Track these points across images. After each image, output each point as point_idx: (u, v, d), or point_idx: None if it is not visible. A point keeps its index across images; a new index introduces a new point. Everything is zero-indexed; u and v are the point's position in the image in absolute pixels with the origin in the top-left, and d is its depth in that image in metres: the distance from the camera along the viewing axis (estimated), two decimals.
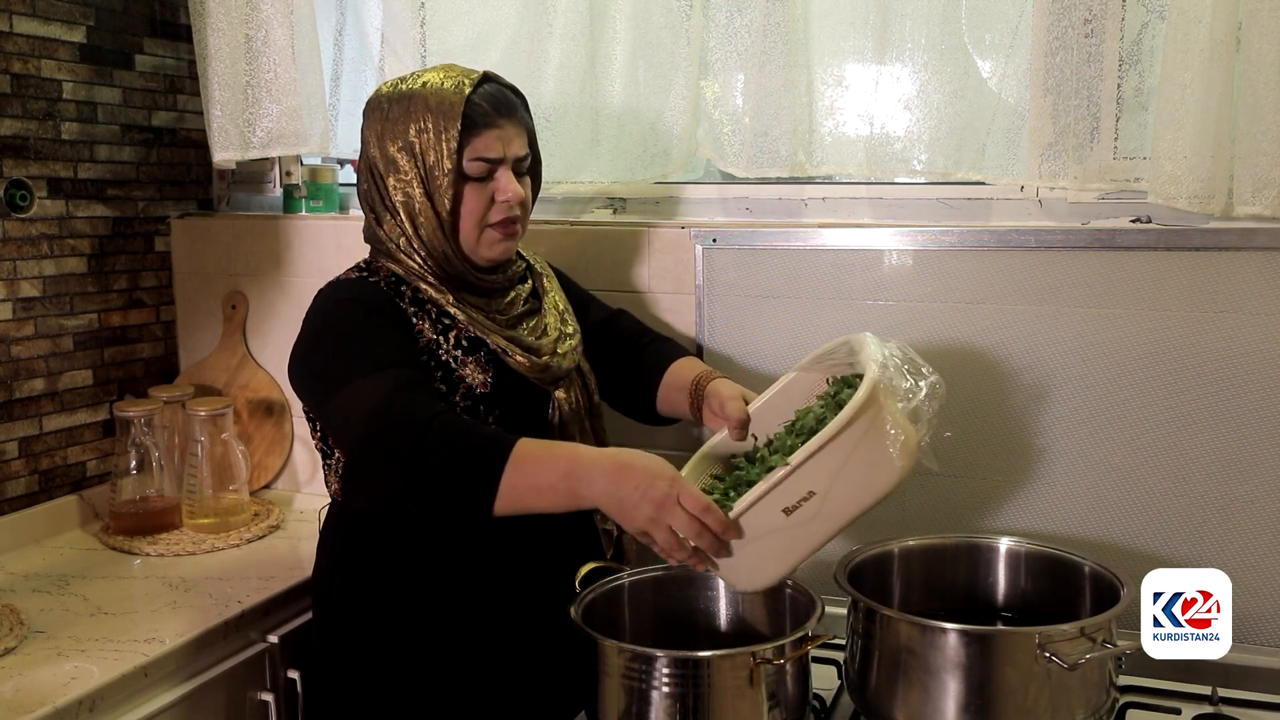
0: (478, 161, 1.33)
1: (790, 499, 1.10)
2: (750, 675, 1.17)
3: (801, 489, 1.10)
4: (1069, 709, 1.18)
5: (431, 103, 1.32)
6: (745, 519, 1.11)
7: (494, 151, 1.34)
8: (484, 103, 1.34)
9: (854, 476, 1.10)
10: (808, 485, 1.10)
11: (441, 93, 1.33)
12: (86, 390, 1.97)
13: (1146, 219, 1.54)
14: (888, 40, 1.61)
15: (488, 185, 1.35)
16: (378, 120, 1.36)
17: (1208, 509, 1.51)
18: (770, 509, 1.11)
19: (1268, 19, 1.36)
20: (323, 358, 1.31)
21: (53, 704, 1.27)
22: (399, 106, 1.34)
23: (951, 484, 1.61)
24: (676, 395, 1.48)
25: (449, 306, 1.36)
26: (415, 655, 1.35)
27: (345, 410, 1.23)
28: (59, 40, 1.88)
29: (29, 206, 1.84)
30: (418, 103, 1.33)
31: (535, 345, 1.40)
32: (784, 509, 1.11)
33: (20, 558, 1.76)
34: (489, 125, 1.33)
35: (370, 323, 1.31)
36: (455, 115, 1.31)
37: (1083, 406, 1.56)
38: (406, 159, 1.33)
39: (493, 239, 1.36)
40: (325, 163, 2.11)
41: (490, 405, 1.35)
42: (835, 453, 1.09)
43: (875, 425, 1.09)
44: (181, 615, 1.53)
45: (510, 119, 1.36)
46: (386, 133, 1.34)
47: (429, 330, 1.35)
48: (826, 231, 1.67)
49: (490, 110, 1.34)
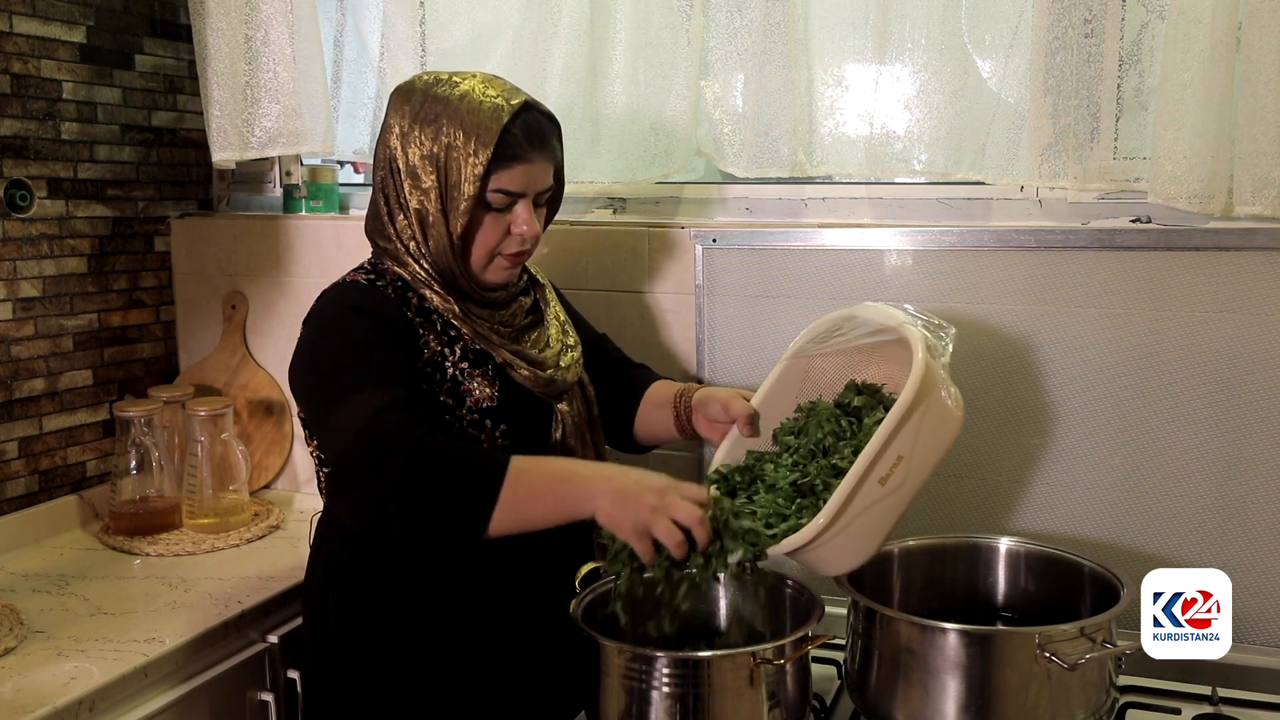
0: (500, 193, 1.30)
1: (886, 467, 1.14)
2: (750, 675, 1.17)
3: (893, 456, 1.14)
4: (1069, 709, 1.18)
5: (466, 120, 1.28)
6: (850, 500, 1.13)
7: (518, 185, 1.31)
8: (520, 134, 1.29)
9: (928, 433, 1.16)
10: (898, 451, 1.14)
11: (479, 112, 1.28)
12: (86, 390, 1.97)
13: (1146, 219, 1.54)
14: (888, 40, 1.61)
15: (505, 216, 1.32)
16: (407, 114, 1.31)
17: (1208, 509, 1.51)
18: (870, 483, 1.14)
19: (1268, 19, 1.36)
20: (323, 369, 1.29)
21: (53, 704, 1.27)
22: (431, 108, 1.30)
23: (952, 484, 1.61)
24: (657, 414, 1.47)
25: (455, 319, 1.33)
26: (415, 657, 1.35)
27: (339, 425, 1.21)
28: (59, 40, 1.88)
29: (29, 206, 1.84)
30: (452, 114, 1.28)
31: (540, 359, 1.39)
32: (880, 479, 1.14)
33: (20, 558, 1.76)
34: (519, 159, 1.29)
35: (374, 336, 1.29)
36: (489, 142, 1.27)
37: (1082, 406, 1.56)
38: (428, 168, 1.30)
39: (500, 266, 1.35)
40: (325, 163, 2.11)
41: (497, 419, 1.34)
42: (916, 415, 1.14)
43: (934, 384, 1.16)
44: (181, 615, 1.53)
45: (542, 152, 1.32)
46: (413, 131, 1.30)
47: (434, 342, 1.33)
48: (826, 231, 1.67)
49: (524, 143, 1.29)
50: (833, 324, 1.33)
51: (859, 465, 1.13)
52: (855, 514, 1.14)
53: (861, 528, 1.16)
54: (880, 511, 1.16)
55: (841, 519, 1.13)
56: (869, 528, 1.17)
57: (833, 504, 1.13)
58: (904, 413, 1.13)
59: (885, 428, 1.13)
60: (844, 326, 1.32)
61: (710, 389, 1.39)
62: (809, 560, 1.20)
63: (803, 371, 1.37)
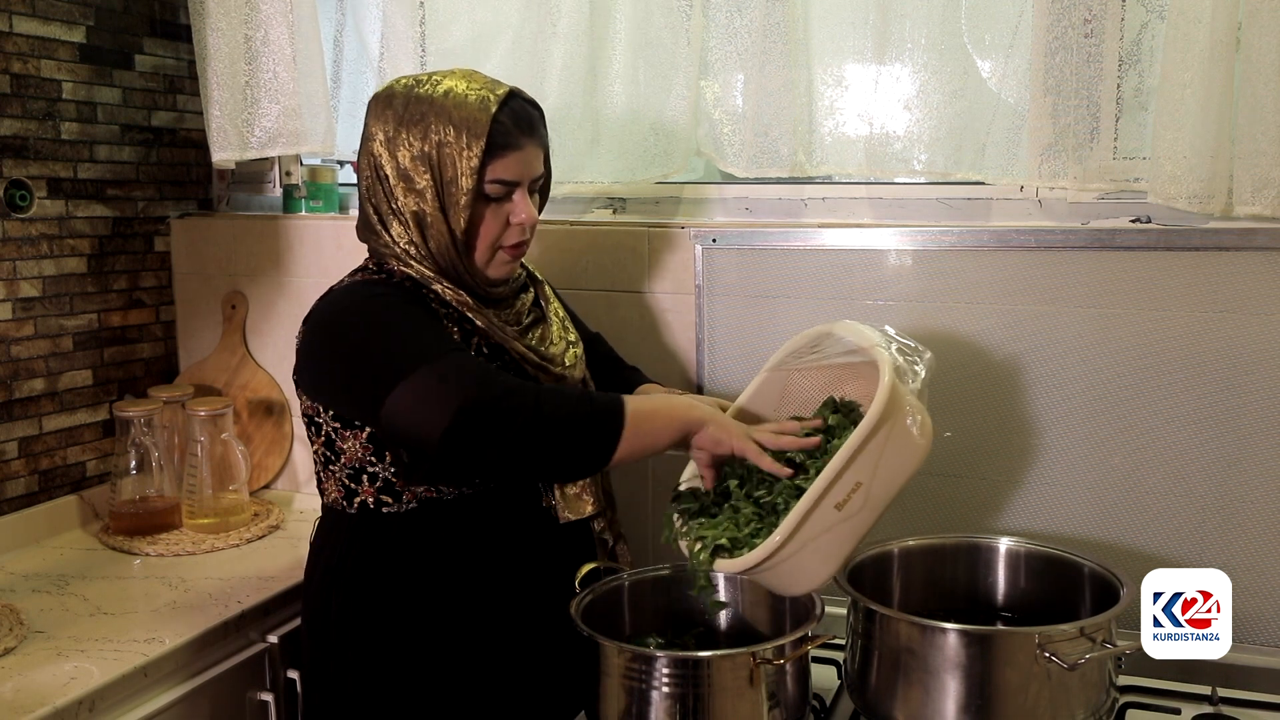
0: (497, 184, 1.30)
1: (842, 493, 1.14)
2: (750, 675, 1.17)
3: (851, 481, 1.13)
4: (1069, 709, 1.18)
5: (455, 115, 1.28)
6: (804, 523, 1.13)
7: (514, 174, 1.31)
8: (509, 122, 1.29)
9: (890, 461, 1.15)
10: (856, 477, 1.14)
11: (466, 106, 1.28)
12: (86, 390, 1.97)
13: (1146, 219, 1.54)
14: (888, 40, 1.61)
15: (504, 206, 1.32)
16: (390, 119, 1.30)
17: (1208, 509, 1.51)
18: (825, 507, 1.13)
19: (1268, 19, 1.36)
20: (373, 349, 1.25)
21: (52, 704, 1.27)
22: (416, 109, 1.29)
23: (951, 484, 1.61)
24: None
25: (470, 312, 1.33)
26: (415, 657, 1.35)
27: (422, 397, 1.18)
28: (59, 40, 1.88)
29: (29, 206, 1.84)
30: (439, 111, 1.28)
31: (549, 355, 1.39)
32: (836, 504, 1.14)
33: (20, 558, 1.76)
34: (512, 147, 1.30)
35: (415, 310, 1.28)
36: (480, 133, 1.27)
37: (1082, 406, 1.56)
38: (422, 169, 1.29)
39: (502, 259, 1.35)
40: (325, 163, 2.11)
41: None
42: (877, 441, 1.13)
43: (899, 410, 1.15)
44: (181, 615, 1.53)
45: (532, 139, 1.33)
46: (399, 135, 1.29)
47: (456, 335, 1.32)
48: (826, 231, 1.67)
49: (515, 130, 1.30)
50: (812, 339, 1.32)
51: (814, 489, 1.13)
52: (808, 538, 1.13)
53: (816, 552, 1.15)
54: (837, 536, 1.15)
55: (792, 543, 1.13)
56: (823, 552, 1.16)
57: (785, 527, 1.12)
58: (864, 438, 1.12)
59: (844, 453, 1.12)
60: (822, 344, 1.31)
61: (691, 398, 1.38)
62: (764, 580, 1.20)
63: (782, 385, 1.36)
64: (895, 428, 1.14)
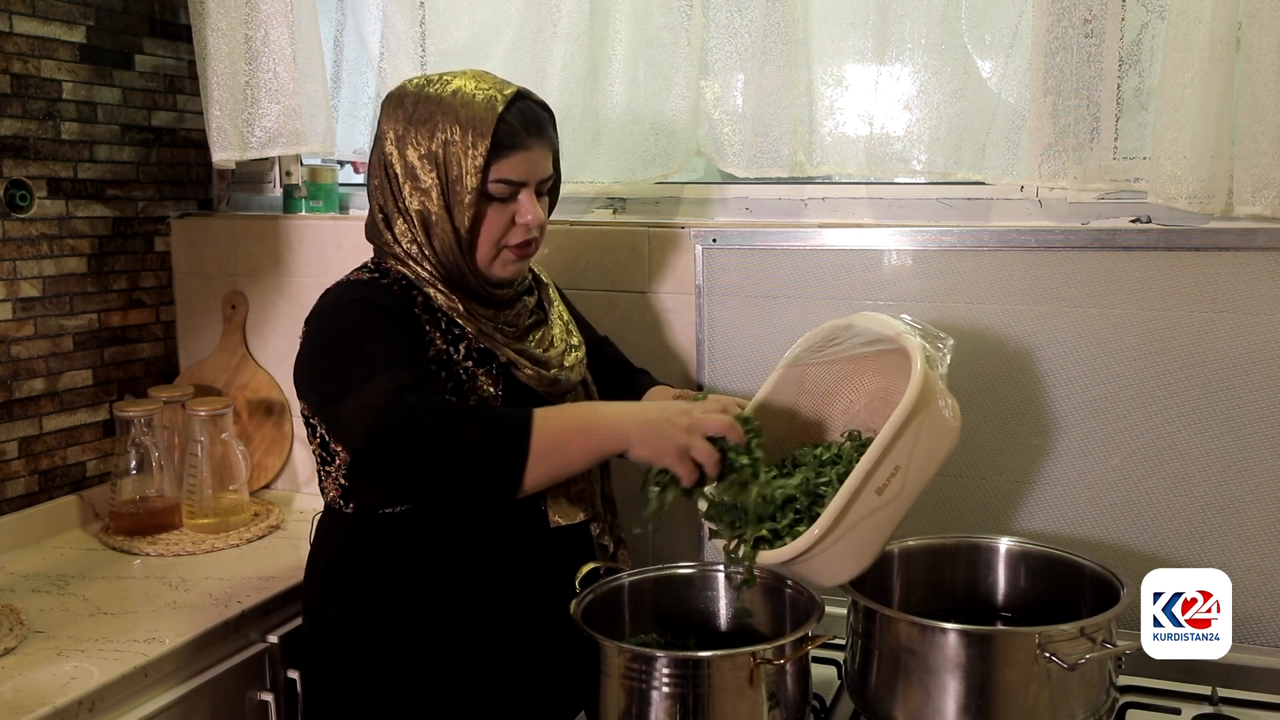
0: (501, 183, 1.30)
1: (883, 477, 1.14)
2: (750, 675, 1.17)
3: (890, 465, 1.14)
4: (1069, 709, 1.18)
5: (461, 114, 1.29)
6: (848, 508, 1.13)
7: (519, 174, 1.31)
8: (515, 122, 1.30)
9: (925, 444, 1.16)
10: (895, 461, 1.14)
11: (473, 105, 1.29)
12: (86, 390, 1.97)
13: (1146, 219, 1.54)
14: (888, 40, 1.61)
15: (509, 206, 1.32)
16: (400, 118, 1.32)
17: (1207, 509, 1.51)
18: (868, 492, 1.14)
19: (1268, 19, 1.36)
20: (333, 358, 1.28)
21: (52, 704, 1.27)
22: (425, 109, 1.30)
23: (952, 484, 1.61)
24: None
25: (459, 318, 1.33)
26: (415, 657, 1.35)
27: (359, 406, 1.20)
28: (59, 40, 1.88)
29: (29, 206, 1.84)
30: (446, 110, 1.29)
31: (544, 358, 1.39)
32: (877, 489, 1.14)
33: (20, 558, 1.76)
34: (518, 147, 1.30)
35: (382, 322, 1.29)
36: (486, 132, 1.28)
37: (1082, 407, 1.56)
38: (428, 168, 1.30)
39: (507, 259, 1.35)
40: (325, 163, 2.11)
41: None
42: (913, 425, 1.14)
43: (932, 394, 1.16)
44: (181, 615, 1.54)
45: (539, 139, 1.33)
46: (409, 134, 1.31)
47: (440, 340, 1.33)
48: (826, 231, 1.67)
49: (521, 130, 1.30)
50: (829, 333, 1.32)
51: (856, 474, 1.13)
52: (852, 524, 1.14)
53: (855, 540, 1.15)
54: (876, 521, 1.16)
55: (838, 528, 1.13)
56: (865, 538, 1.16)
57: (829, 514, 1.13)
58: (902, 422, 1.13)
59: (883, 437, 1.13)
60: (840, 336, 1.31)
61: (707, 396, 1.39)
62: (804, 571, 1.20)
63: (798, 380, 1.36)
64: (929, 411, 1.15)
